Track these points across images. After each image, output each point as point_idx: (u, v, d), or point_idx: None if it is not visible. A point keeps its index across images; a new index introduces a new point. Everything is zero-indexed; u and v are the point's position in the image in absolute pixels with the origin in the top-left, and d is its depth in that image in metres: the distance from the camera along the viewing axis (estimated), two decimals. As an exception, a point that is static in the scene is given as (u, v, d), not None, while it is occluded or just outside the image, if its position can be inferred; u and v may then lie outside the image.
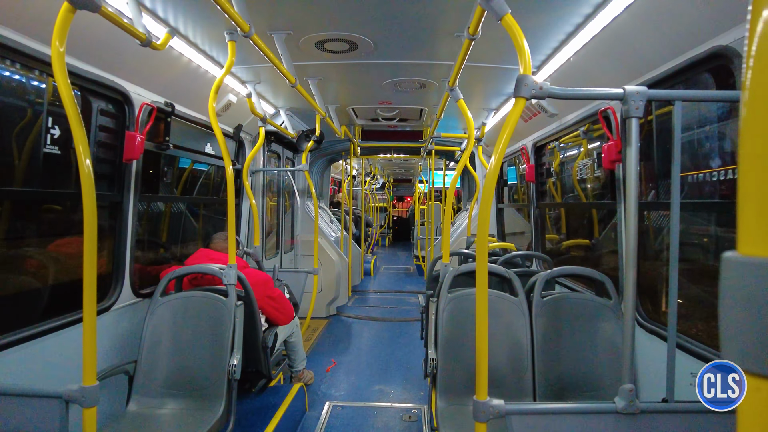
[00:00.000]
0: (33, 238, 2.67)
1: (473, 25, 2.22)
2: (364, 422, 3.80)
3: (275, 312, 3.53)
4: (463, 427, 2.51)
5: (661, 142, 2.78)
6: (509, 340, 2.83)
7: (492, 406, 1.66)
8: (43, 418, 1.77)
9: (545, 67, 3.45)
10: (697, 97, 2.03)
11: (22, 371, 2.26)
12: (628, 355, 1.77)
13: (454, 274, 2.99)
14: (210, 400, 2.75)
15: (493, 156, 1.68)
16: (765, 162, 0.45)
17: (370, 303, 8.17)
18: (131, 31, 2.27)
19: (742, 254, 0.47)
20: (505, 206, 6.51)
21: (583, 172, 4.00)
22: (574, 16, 2.72)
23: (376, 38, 3.26)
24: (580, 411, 1.72)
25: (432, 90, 4.64)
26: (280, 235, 6.71)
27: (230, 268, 2.90)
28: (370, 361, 5.26)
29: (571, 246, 4.57)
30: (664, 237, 2.83)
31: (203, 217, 4.82)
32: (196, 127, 3.99)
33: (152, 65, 3.06)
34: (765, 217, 0.45)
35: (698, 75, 2.27)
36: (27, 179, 2.44)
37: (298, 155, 7.11)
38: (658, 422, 1.67)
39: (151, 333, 2.87)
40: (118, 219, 3.02)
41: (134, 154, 2.97)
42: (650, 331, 2.64)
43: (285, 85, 3.62)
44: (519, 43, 1.65)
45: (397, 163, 14.17)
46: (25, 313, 2.48)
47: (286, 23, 3.02)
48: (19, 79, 2.38)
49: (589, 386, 2.71)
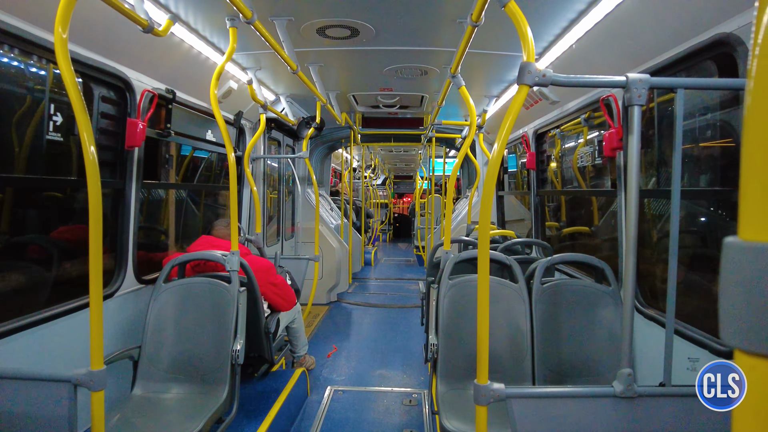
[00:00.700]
0: (37, 226, 2.69)
1: (476, 11, 2.21)
2: (365, 406, 3.86)
3: (278, 298, 3.56)
4: (464, 410, 2.56)
5: (663, 128, 2.78)
6: (509, 326, 2.87)
7: (493, 389, 1.69)
8: (53, 401, 1.80)
9: (547, 54, 3.44)
10: (699, 85, 2.03)
11: (29, 355, 2.29)
12: (626, 340, 1.80)
13: (455, 261, 3.01)
14: (213, 384, 2.79)
15: (495, 143, 1.69)
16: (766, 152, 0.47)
17: (370, 290, 8.22)
18: (133, 17, 2.26)
19: (743, 239, 0.49)
20: (506, 194, 6.52)
21: (583, 160, 4.00)
22: (577, 3, 2.71)
23: (378, 24, 3.24)
24: (578, 395, 1.75)
25: (433, 77, 4.62)
26: (281, 222, 6.72)
27: (233, 255, 2.92)
28: (371, 347, 5.32)
29: (571, 233, 4.59)
30: (663, 224, 2.86)
31: (204, 204, 4.84)
32: (198, 114, 3.99)
33: (153, 52, 3.04)
34: (766, 204, 0.46)
35: (701, 63, 2.27)
36: (30, 166, 2.45)
37: (298, 142, 7.09)
38: (655, 406, 1.70)
39: (154, 319, 2.90)
40: (120, 206, 3.03)
41: (136, 141, 2.97)
42: (649, 318, 2.67)
43: (286, 72, 3.61)
44: (523, 31, 1.65)
45: (397, 155, 14.16)
46: (31, 297, 2.51)
47: (288, 9, 3.00)
48: (21, 66, 2.37)
49: (588, 371, 2.75)
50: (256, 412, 3.20)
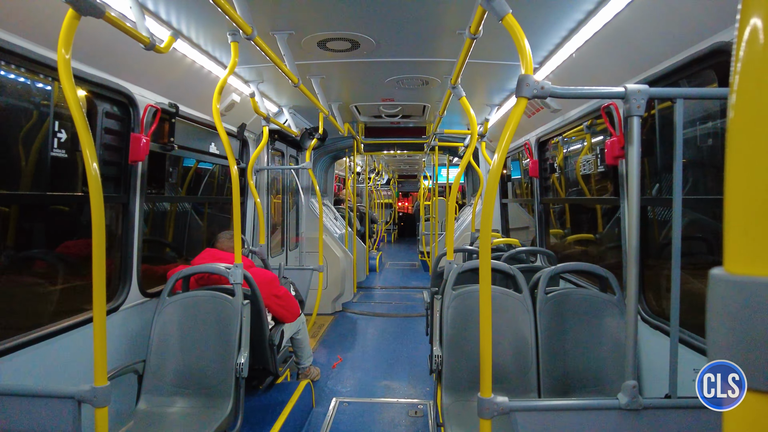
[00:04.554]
0: (41, 241, 2.71)
1: (474, 24, 2.22)
2: (370, 418, 3.84)
3: (281, 310, 3.56)
4: (469, 422, 2.54)
5: (664, 136, 2.78)
6: (514, 337, 2.85)
7: (496, 403, 1.68)
8: (57, 418, 1.80)
9: (547, 63, 3.45)
10: (698, 95, 2.03)
11: (33, 371, 2.29)
12: (630, 351, 1.78)
13: (458, 271, 3.01)
14: (218, 398, 2.79)
15: (495, 154, 1.69)
16: (750, 180, 0.46)
17: (375, 299, 8.20)
18: (135, 35, 2.29)
19: (728, 272, 0.48)
20: (509, 201, 6.51)
21: (586, 168, 4.00)
22: (576, 13, 2.72)
23: (378, 37, 3.26)
24: (583, 407, 1.74)
25: (434, 86, 4.64)
26: (285, 233, 6.74)
27: (236, 268, 2.93)
28: (376, 357, 5.30)
29: (576, 241, 4.57)
30: (668, 232, 2.84)
31: (208, 217, 4.86)
32: (201, 128, 4.02)
33: (156, 67, 3.08)
34: (750, 236, 0.46)
35: (700, 71, 2.27)
36: (35, 183, 2.48)
37: (301, 153, 7.12)
38: (661, 418, 1.68)
39: (159, 332, 2.91)
40: (124, 220, 3.05)
41: (140, 155, 2.99)
42: (654, 327, 2.64)
43: (288, 84, 3.64)
44: (521, 44, 1.65)
45: (401, 159, 14.20)
46: (36, 311, 2.53)
47: (289, 23, 3.03)
48: (27, 84, 2.41)
49: (594, 382, 2.72)
50: (261, 425, 3.19)
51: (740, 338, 0.48)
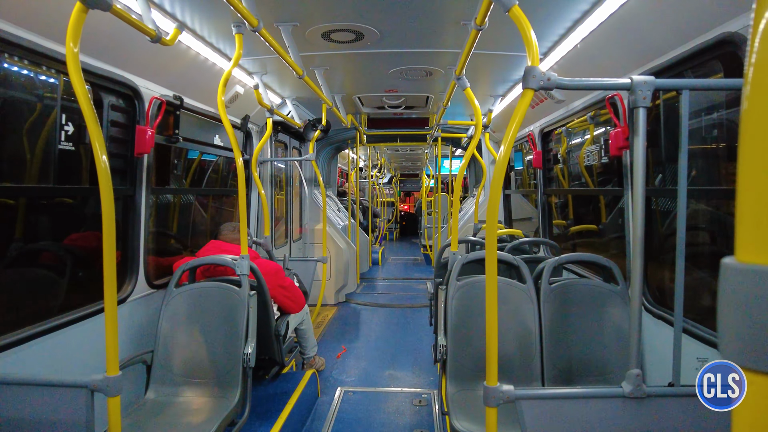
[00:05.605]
0: (50, 233, 2.74)
1: (480, 16, 2.22)
2: (375, 407, 3.88)
3: (287, 300, 3.59)
4: (473, 411, 2.57)
5: (670, 125, 2.77)
6: (518, 327, 2.87)
7: (502, 391, 1.71)
8: (71, 406, 1.84)
9: (552, 54, 3.44)
10: (704, 86, 2.02)
11: (44, 361, 2.33)
12: (634, 340, 1.80)
13: (462, 262, 3.02)
14: (226, 387, 2.83)
15: (502, 146, 1.70)
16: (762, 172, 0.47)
17: (378, 290, 8.24)
18: (141, 28, 2.29)
19: (739, 261, 0.49)
20: (512, 192, 6.52)
21: (590, 158, 4.00)
22: (582, 3, 2.71)
23: (382, 28, 3.26)
24: (587, 395, 1.76)
25: (438, 77, 4.63)
26: (288, 224, 6.76)
27: (243, 259, 2.95)
28: (380, 347, 5.34)
29: (579, 231, 4.58)
30: (672, 222, 2.85)
31: (212, 208, 4.88)
32: (205, 119, 4.03)
33: (161, 59, 3.08)
34: (762, 226, 0.47)
35: (707, 62, 2.26)
36: (43, 176, 2.49)
37: (304, 144, 7.12)
38: (664, 406, 1.71)
39: (166, 323, 2.94)
40: (131, 212, 3.07)
41: (145, 147, 3.00)
42: (657, 316, 2.66)
43: (291, 76, 3.64)
44: (527, 36, 1.66)
45: (403, 154, 14.18)
46: (44, 303, 2.56)
47: (293, 15, 3.02)
48: (34, 78, 2.42)
49: (597, 371, 2.75)
50: (268, 414, 3.23)
51: (751, 326, 0.49)
